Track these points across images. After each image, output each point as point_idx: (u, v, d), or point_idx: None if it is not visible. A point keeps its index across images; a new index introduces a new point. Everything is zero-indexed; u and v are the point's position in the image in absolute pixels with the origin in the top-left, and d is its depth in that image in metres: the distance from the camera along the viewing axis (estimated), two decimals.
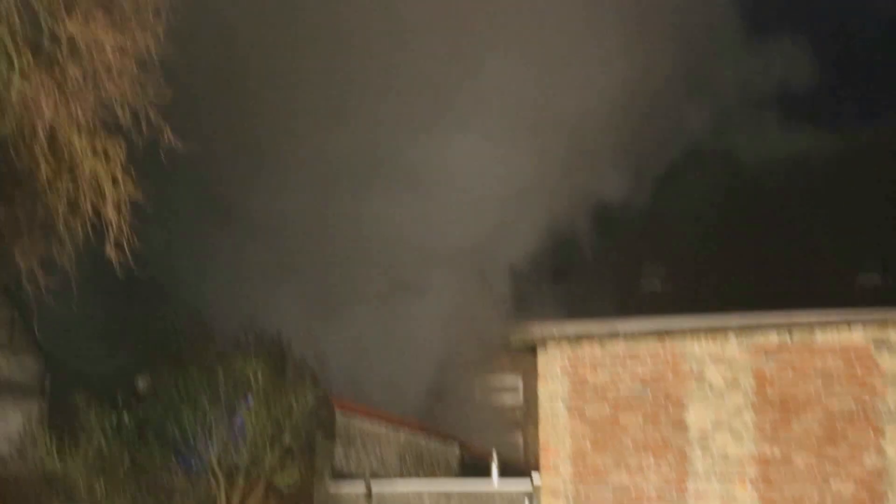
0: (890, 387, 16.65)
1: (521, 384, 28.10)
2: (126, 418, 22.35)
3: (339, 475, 23.11)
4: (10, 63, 16.08)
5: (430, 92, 28.11)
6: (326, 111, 27.27)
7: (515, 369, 27.33)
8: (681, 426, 17.40)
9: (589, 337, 18.22)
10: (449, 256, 27.96)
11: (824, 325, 17.34)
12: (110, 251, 16.45)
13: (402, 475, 25.02)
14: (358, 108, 27.63)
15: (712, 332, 17.67)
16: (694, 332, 17.87)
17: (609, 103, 28.21)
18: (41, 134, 16.06)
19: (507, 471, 23.23)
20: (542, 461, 18.17)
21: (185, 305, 25.61)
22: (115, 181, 16.31)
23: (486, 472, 23.67)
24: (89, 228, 16.80)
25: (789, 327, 17.47)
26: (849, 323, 17.20)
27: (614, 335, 18.09)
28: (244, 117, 25.98)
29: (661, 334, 18.01)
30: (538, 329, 18.66)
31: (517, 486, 21.78)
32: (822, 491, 16.82)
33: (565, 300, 27.86)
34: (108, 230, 16.44)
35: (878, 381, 16.59)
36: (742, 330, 17.66)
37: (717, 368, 17.42)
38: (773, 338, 17.26)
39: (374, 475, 23.73)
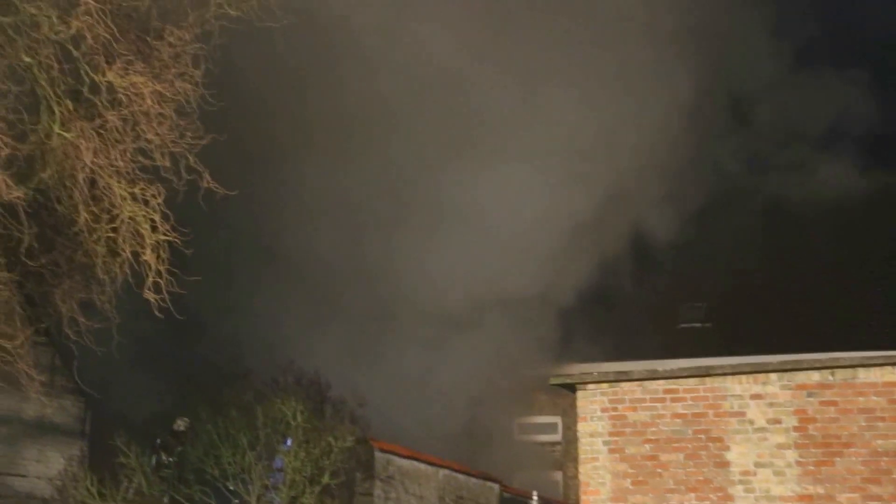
0: None
1: (560, 423, 27.92)
2: (166, 459, 22.38)
3: None
4: (51, 112, 16.63)
5: (470, 129, 28.03)
6: (366, 149, 27.26)
7: (555, 408, 27.23)
8: (722, 465, 16.78)
9: (629, 377, 17.99)
10: (487, 295, 27.76)
11: (867, 364, 16.89)
12: (148, 294, 16.60)
13: None
14: (397, 144, 27.62)
15: (753, 371, 17.33)
16: (735, 371, 17.54)
17: (652, 140, 28.08)
18: (81, 180, 16.43)
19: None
20: (583, 500, 17.57)
21: (225, 347, 25.51)
22: (153, 226, 16.54)
23: None
24: (128, 272, 16.97)
25: (831, 366, 17.05)
26: (893, 362, 16.77)
27: (654, 375, 17.86)
28: (283, 160, 26.02)
29: (701, 373, 17.66)
30: (578, 369, 18.55)
31: None
32: None
33: (606, 337, 27.72)
34: (146, 274, 16.61)
35: None
36: (783, 369, 17.25)
37: (758, 407, 16.77)
38: (814, 376, 16.66)
39: None
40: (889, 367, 16.55)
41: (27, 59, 16.16)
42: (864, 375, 16.51)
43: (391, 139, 27.74)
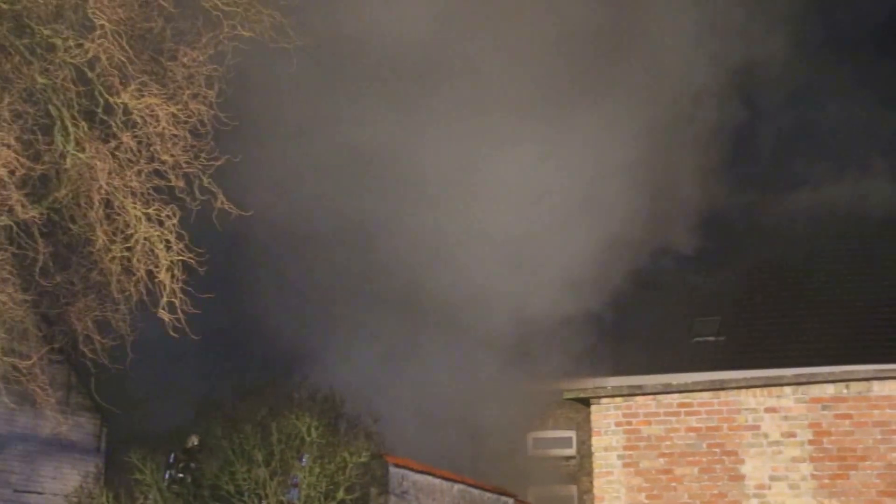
0: None
1: (575, 437, 27.87)
2: (181, 474, 22.39)
3: None
4: (66, 133, 16.75)
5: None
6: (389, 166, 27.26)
7: (569, 422, 27.25)
8: (737, 478, 16.81)
9: (643, 391, 18.04)
10: (504, 311, 27.60)
11: (882, 377, 16.95)
12: (163, 314, 16.57)
13: None
14: (397, 167, 27.57)
15: (767, 384, 17.33)
16: (749, 384, 17.51)
17: (669, 161, 28.09)
18: (96, 201, 16.47)
19: None
20: None
21: (238, 363, 25.51)
22: (168, 245, 16.50)
23: None
24: (143, 291, 16.89)
25: (846, 379, 17.10)
26: None
27: (668, 389, 17.85)
28: (298, 180, 26.04)
29: (715, 387, 17.66)
30: (592, 383, 18.65)
31: None
32: None
33: (621, 352, 27.75)
34: (161, 293, 16.57)
35: None
36: (798, 382, 17.22)
37: (773, 420, 16.81)
38: (829, 389, 16.71)
39: None
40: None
41: (42, 81, 16.33)
42: (878, 388, 16.54)
43: (413, 156, 27.87)
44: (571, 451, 28.82)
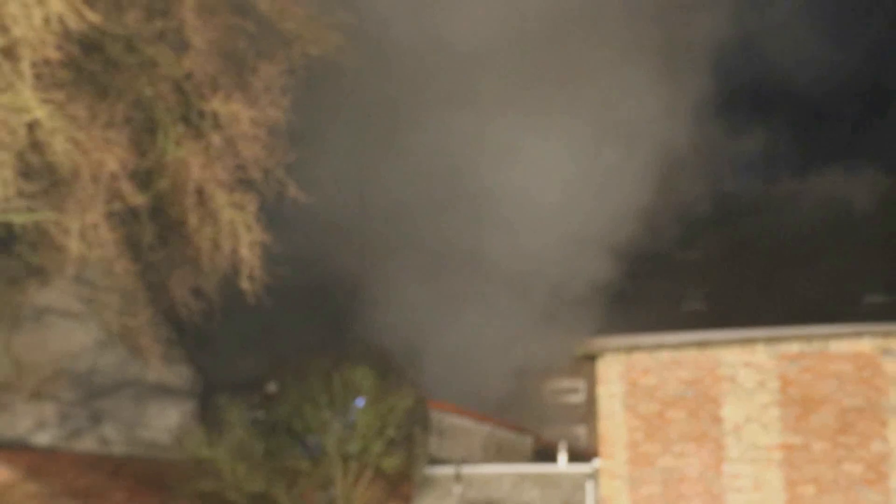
0: (892, 386, 16.97)
1: (584, 386, 27.83)
2: (260, 415, 22.73)
3: (433, 461, 23.19)
4: (167, 134, 16.53)
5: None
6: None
7: (580, 374, 27.10)
8: (717, 420, 17.69)
9: (640, 348, 18.53)
10: (530, 281, 27.30)
11: (838, 336, 17.49)
12: (244, 283, 16.62)
13: (484, 461, 24.86)
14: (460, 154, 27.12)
15: (743, 342, 17.90)
16: (728, 343, 18.06)
17: (664, 152, 27.62)
18: (190, 190, 16.40)
19: (571, 457, 23.13)
20: (602, 449, 18.56)
21: (307, 324, 25.41)
22: (248, 227, 16.49)
23: (554, 458, 23.60)
24: (228, 264, 16.93)
25: (808, 338, 17.57)
26: (858, 334, 17.37)
27: (661, 346, 18.36)
28: (351, 169, 25.81)
29: (700, 345, 18.21)
30: (599, 342, 19.20)
31: (580, 469, 21.88)
32: (836, 472, 17.02)
33: (625, 314, 27.48)
34: (242, 266, 16.60)
35: (882, 381, 16.88)
36: (768, 341, 17.76)
37: (747, 373, 17.68)
38: (794, 347, 17.48)
39: (462, 461, 23.71)
40: (855, 338, 17.15)
41: (148, 93, 16.28)
42: (835, 346, 17.20)
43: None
44: (581, 398, 28.61)
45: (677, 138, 28.02)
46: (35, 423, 22.55)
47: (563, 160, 26.80)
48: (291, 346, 24.06)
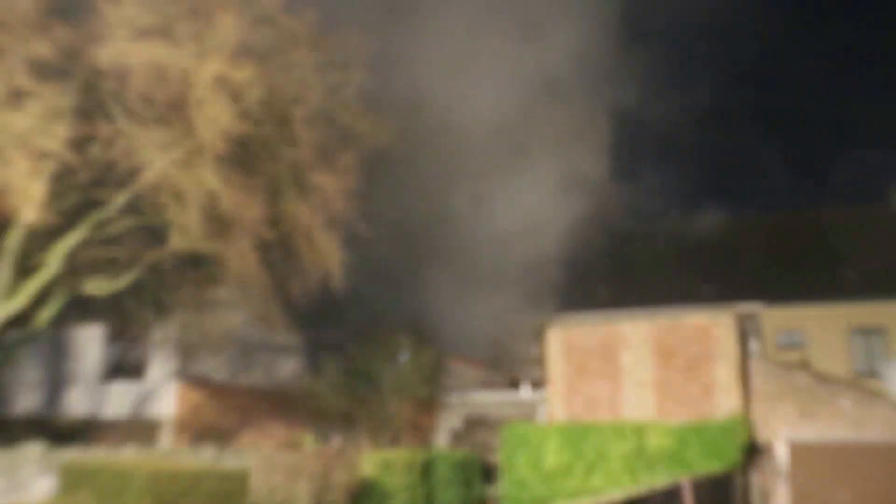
0: (716, 343, 17.75)
1: (539, 345, 24.04)
2: (344, 364, 23.50)
3: (448, 392, 23.96)
4: (287, 195, 17.54)
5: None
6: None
7: (538, 337, 23.42)
8: (619, 367, 18.51)
9: (572, 322, 19.20)
10: (510, 278, 26.73)
11: (686, 315, 18.49)
12: (333, 284, 17.61)
13: (478, 391, 25.32)
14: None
15: (632, 318, 18.89)
16: (624, 319, 19.11)
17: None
18: (301, 229, 17.54)
19: (532, 388, 23.40)
20: (549, 383, 19.17)
21: (371, 306, 25.21)
22: (335, 252, 17.54)
23: (520, 389, 24.11)
24: (323, 273, 17.68)
25: (670, 315, 18.58)
26: (697, 313, 18.52)
27: (585, 321, 19.19)
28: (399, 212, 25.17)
29: (609, 320, 19.20)
30: (548, 319, 19.66)
31: (537, 395, 22.43)
32: (685, 393, 17.70)
33: (565, 303, 27.02)
34: (331, 275, 17.57)
35: (710, 340, 17.76)
36: (647, 317, 18.75)
37: (635, 336, 18.51)
38: (662, 320, 18.39)
39: (465, 391, 24.41)
40: (690, 316, 18.16)
41: (275, 171, 17.31)
42: (684, 320, 18.02)
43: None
44: (537, 352, 25.37)
45: (596, 192, 27.95)
46: (213, 367, 22.81)
47: (532, 202, 26.42)
48: (362, 320, 24.33)
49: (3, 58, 13.29)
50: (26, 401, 21.78)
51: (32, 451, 13.79)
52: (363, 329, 23.69)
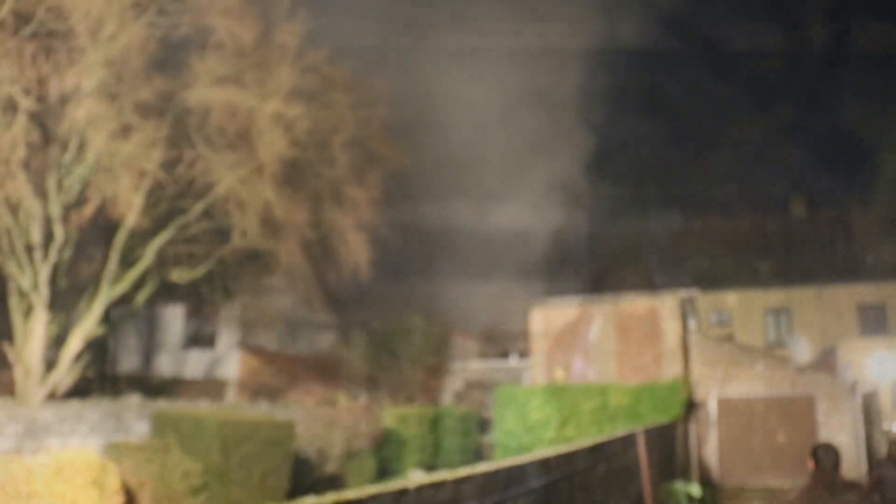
0: (662, 321, 18.19)
1: (525, 322, 23.02)
2: (370, 339, 23.07)
3: (452, 360, 24.07)
4: (326, 205, 17.47)
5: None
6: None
7: (525, 316, 21.69)
8: (586, 339, 18.80)
9: (551, 305, 19.41)
10: (505, 268, 25.59)
11: (641, 298, 18.78)
12: (362, 276, 17.70)
13: (476, 360, 25.55)
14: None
15: (599, 302, 19.09)
16: (593, 302, 19.17)
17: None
18: (337, 232, 17.82)
19: (519, 357, 23.56)
20: (533, 354, 19.38)
21: (391, 292, 24.39)
22: (363, 249, 17.70)
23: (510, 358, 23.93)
24: (353, 266, 17.69)
25: (628, 299, 18.80)
26: (649, 297, 18.79)
27: (561, 304, 19.39)
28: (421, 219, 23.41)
29: (581, 303, 19.23)
30: (533, 302, 19.74)
31: (523, 363, 22.83)
32: (639, 361, 18.09)
33: (546, 290, 25.00)
34: (360, 268, 17.68)
35: (658, 319, 18.23)
36: (611, 302, 19.00)
37: (601, 316, 18.84)
38: (623, 304, 18.69)
39: (465, 360, 24.63)
40: (643, 300, 18.81)
41: (317, 186, 17.11)
42: (639, 303, 18.63)
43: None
44: (524, 328, 23.48)
45: (575, 198, 27.36)
46: (267, 339, 23.19)
47: (521, 207, 26.13)
48: (384, 302, 24.24)
49: (117, 101, 14.38)
50: (128, 362, 22.78)
51: (132, 401, 14.82)
52: (385, 310, 24.04)
